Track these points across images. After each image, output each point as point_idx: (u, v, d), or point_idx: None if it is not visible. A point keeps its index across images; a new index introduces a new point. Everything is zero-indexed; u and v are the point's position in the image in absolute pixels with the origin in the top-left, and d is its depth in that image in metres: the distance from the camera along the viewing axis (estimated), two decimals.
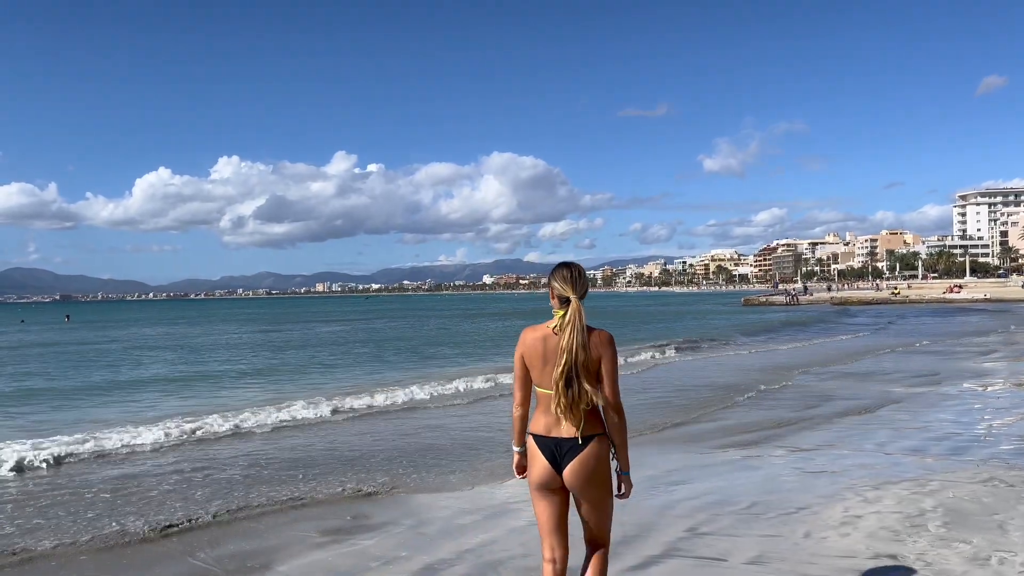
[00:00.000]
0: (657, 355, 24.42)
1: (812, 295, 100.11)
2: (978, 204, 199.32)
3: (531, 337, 3.76)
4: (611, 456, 3.78)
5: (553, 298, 3.75)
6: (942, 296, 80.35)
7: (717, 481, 8.00)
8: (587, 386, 3.62)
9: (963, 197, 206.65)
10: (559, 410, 3.64)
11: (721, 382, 16.97)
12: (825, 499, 7.06)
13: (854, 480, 7.73)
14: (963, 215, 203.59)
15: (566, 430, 3.68)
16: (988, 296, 76.16)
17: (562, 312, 3.66)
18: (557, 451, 3.70)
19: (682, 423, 11.95)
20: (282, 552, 6.19)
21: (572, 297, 3.66)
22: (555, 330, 3.68)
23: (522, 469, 3.96)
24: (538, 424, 3.76)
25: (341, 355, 29.60)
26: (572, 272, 3.74)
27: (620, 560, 5.65)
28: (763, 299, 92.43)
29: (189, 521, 7.20)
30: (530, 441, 3.79)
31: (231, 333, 50.33)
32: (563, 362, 3.60)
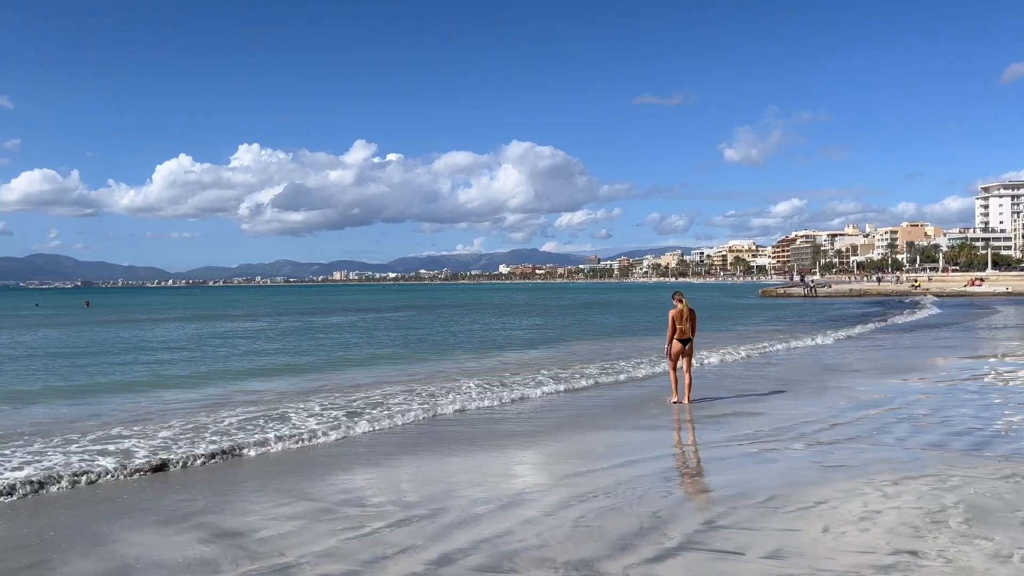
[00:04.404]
0: None
1: (830, 287, 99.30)
2: (1000, 196, 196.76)
3: (675, 310, 12.62)
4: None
5: (675, 299, 12.76)
6: (963, 289, 79.49)
7: (734, 474, 7.95)
8: (689, 325, 12.71)
9: (985, 189, 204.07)
10: (686, 331, 12.65)
11: None
12: (844, 493, 7.00)
13: (873, 474, 7.66)
14: (985, 207, 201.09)
15: (685, 336, 12.64)
16: (1010, 289, 75.28)
17: (682, 303, 12.65)
18: (684, 342, 12.61)
19: None
20: (295, 539, 6.23)
21: (685, 301, 12.71)
22: (683, 309, 12.61)
23: (668, 355, 12.79)
24: (676, 335, 12.63)
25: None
26: (681, 294, 13.02)
27: (637, 552, 5.63)
28: (781, 291, 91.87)
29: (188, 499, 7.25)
30: (675, 341, 12.60)
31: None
32: (685, 318, 12.62)
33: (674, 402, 12.67)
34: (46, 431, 11.21)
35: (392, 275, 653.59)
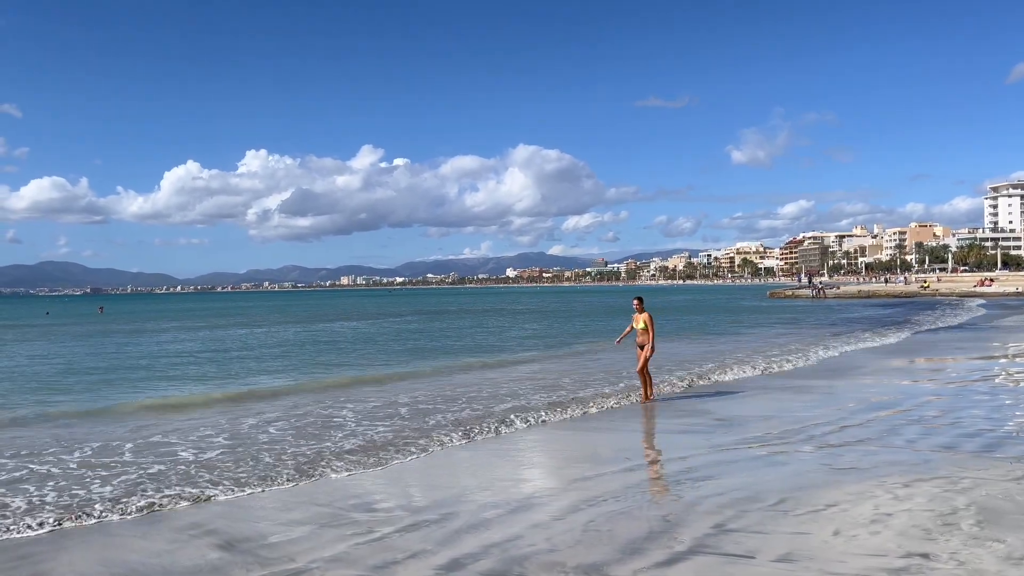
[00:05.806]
0: None
1: (838, 288, 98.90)
2: (1010, 196, 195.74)
3: (645, 314, 13.42)
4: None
5: (635, 304, 13.56)
6: (973, 290, 79.06)
7: (744, 477, 7.92)
8: (648, 328, 13.53)
9: (994, 189, 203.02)
10: (641, 336, 13.51)
11: None
12: (854, 496, 6.96)
13: (884, 477, 7.62)
14: (994, 207, 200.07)
15: (642, 341, 13.50)
16: (1020, 290, 74.84)
17: (640, 309, 13.50)
18: (640, 346, 13.52)
19: None
20: (305, 544, 6.23)
21: (643, 309, 13.50)
22: (639, 313, 13.53)
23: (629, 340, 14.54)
24: (636, 340, 13.77)
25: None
26: (640, 299, 13.74)
27: (646, 556, 5.62)
28: (789, 293, 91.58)
29: (197, 501, 7.28)
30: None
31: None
32: (642, 320, 13.46)
33: (642, 401, 13.61)
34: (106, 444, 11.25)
35: (399, 279, 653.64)
